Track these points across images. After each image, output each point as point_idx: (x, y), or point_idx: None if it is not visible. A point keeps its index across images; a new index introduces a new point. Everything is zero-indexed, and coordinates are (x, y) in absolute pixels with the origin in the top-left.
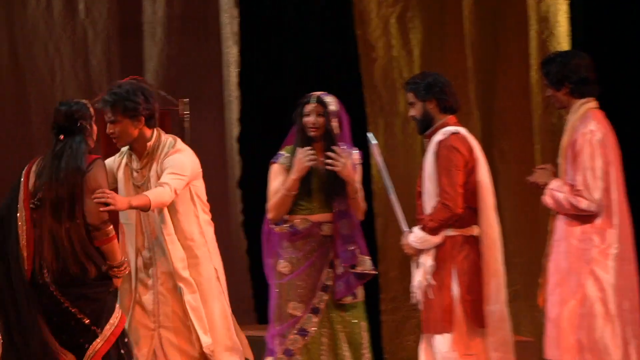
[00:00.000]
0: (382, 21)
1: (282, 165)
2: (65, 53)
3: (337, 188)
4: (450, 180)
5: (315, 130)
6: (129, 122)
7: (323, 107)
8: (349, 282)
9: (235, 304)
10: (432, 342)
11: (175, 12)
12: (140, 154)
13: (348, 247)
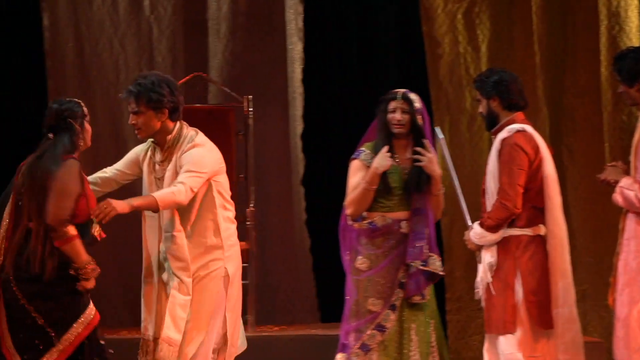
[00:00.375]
0: (449, 17)
1: (362, 162)
2: (130, 50)
3: (421, 184)
4: (510, 179)
5: (400, 127)
6: (152, 114)
7: (408, 104)
8: (418, 282)
9: (299, 303)
10: (496, 343)
11: (240, 8)
12: (162, 147)
13: (417, 244)
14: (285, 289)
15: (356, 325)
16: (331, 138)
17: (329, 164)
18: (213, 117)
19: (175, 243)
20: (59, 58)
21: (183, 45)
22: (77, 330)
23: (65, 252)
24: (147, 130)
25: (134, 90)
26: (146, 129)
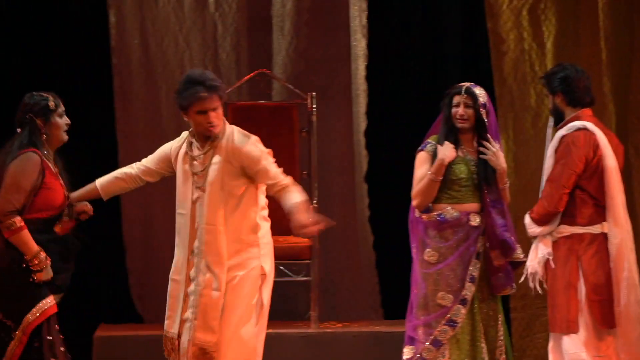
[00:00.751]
0: (514, 13)
1: (428, 153)
2: (195, 47)
3: (488, 177)
4: (558, 179)
5: (463, 122)
6: (222, 109)
7: (472, 98)
8: (509, 273)
9: (362, 299)
10: (560, 342)
11: (304, 5)
12: (204, 142)
13: (508, 236)
14: (348, 285)
15: (425, 320)
16: (394, 135)
17: (392, 161)
18: (277, 114)
19: (213, 235)
20: (124, 55)
21: (247, 42)
22: (29, 320)
23: (15, 244)
24: (221, 126)
25: (214, 88)
26: (220, 125)
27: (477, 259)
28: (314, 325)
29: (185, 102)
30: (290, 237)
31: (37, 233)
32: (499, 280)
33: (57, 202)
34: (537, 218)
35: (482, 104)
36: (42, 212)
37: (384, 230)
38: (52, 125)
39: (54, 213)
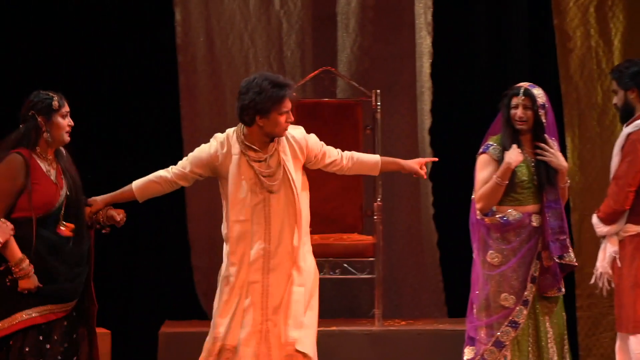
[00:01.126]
0: (581, 10)
1: (490, 156)
2: (260, 44)
3: (551, 177)
4: (624, 178)
5: (522, 124)
6: None
7: (531, 100)
8: (556, 275)
9: (426, 297)
10: (627, 342)
11: (369, 2)
12: (266, 144)
13: (559, 237)
14: (412, 283)
15: (488, 321)
16: (459, 132)
17: (456, 159)
18: (341, 111)
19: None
20: (190, 53)
21: (312, 40)
22: (1, 326)
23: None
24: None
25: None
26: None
27: (537, 259)
28: (377, 323)
29: (269, 103)
30: (354, 235)
31: (22, 233)
32: (546, 280)
33: (42, 201)
34: (604, 217)
35: (540, 105)
36: (28, 212)
37: (448, 228)
38: (54, 124)
39: (40, 212)
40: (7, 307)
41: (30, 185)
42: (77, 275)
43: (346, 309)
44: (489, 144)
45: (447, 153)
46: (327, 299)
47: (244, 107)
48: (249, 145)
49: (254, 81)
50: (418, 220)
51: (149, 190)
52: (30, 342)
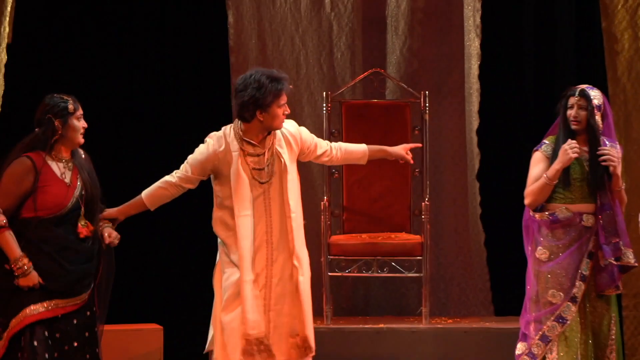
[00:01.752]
0: (629, 13)
1: (543, 153)
2: (311, 46)
3: (598, 181)
4: None
5: (576, 124)
6: None
7: (586, 100)
8: (612, 274)
9: (473, 296)
10: None
11: (418, 4)
12: (262, 138)
13: (612, 240)
14: (459, 281)
15: (536, 316)
16: (507, 134)
17: (504, 160)
18: (390, 112)
19: (296, 223)
20: (242, 54)
21: (362, 42)
22: (12, 325)
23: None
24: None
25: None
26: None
27: (589, 258)
28: (425, 321)
29: (270, 97)
30: (402, 235)
31: (31, 232)
32: (602, 279)
33: (52, 202)
34: None
35: (596, 106)
36: (38, 212)
37: (495, 228)
38: (69, 127)
39: (51, 213)
40: (15, 304)
41: (38, 187)
42: (85, 272)
43: (394, 307)
44: (543, 142)
45: (494, 154)
46: (376, 297)
47: (245, 103)
48: (247, 141)
49: (251, 77)
50: (465, 220)
51: (158, 198)
52: (39, 337)
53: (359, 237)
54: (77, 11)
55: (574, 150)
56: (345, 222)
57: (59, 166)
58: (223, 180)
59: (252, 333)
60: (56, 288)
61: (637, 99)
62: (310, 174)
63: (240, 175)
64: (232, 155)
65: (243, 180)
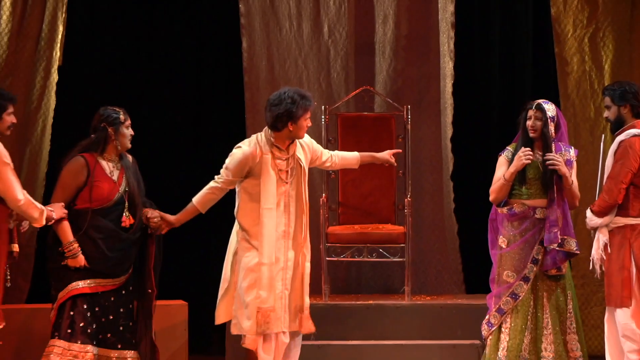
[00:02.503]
0: (577, 41)
1: (505, 158)
2: (312, 67)
3: (547, 181)
4: (617, 176)
5: (533, 132)
6: None
7: (542, 112)
8: (555, 258)
9: (447, 277)
10: (614, 314)
11: (402, 32)
12: (287, 145)
13: (552, 230)
14: (436, 265)
15: (496, 292)
16: (476, 140)
17: (473, 162)
18: (378, 123)
19: (306, 218)
20: (254, 74)
21: (354, 64)
22: (58, 297)
23: (55, 230)
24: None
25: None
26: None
27: (540, 245)
28: (407, 298)
29: (301, 111)
30: (388, 225)
31: (82, 221)
32: (546, 261)
33: (101, 196)
34: (599, 210)
35: (550, 117)
36: (89, 203)
37: (466, 220)
38: (120, 134)
39: (100, 205)
40: (64, 280)
41: (90, 182)
42: (124, 258)
43: (381, 287)
44: (506, 148)
45: (465, 158)
46: (366, 278)
47: (280, 115)
48: (277, 146)
49: (285, 94)
50: (441, 213)
51: (209, 202)
52: (78, 309)
53: (352, 227)
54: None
55: (526, 157)
56: (341, 215)
57: (109, 166)
58: (254, 178)
59: (264, 307)
60: (98, 269)
61: (584, 112)
62: (311, 174)
63: (269, 174)
64: (264, 157)
65: (271, 178)
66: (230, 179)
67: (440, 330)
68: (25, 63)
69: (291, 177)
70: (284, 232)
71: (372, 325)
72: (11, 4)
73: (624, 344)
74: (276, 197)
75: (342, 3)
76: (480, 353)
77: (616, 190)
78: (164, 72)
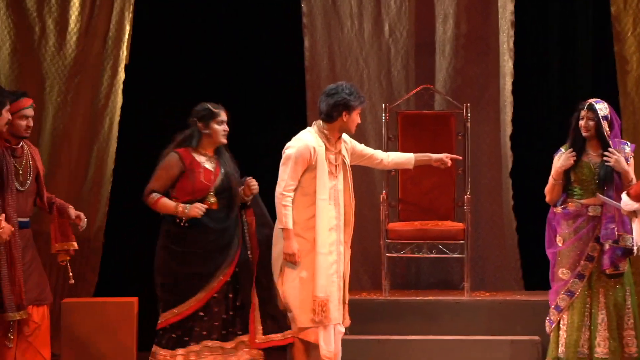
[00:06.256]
0: (637, 39)
1: (559, 158)
2: (372, 66)
3: (607, 178)
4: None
5: (586, 132)
6: None
7: (593, 112)
8: (612, 257)
9: (506, 273)
10: None
11: (461, 31)
12: (335, 138)
13: (610, 226)
14: (495, 261)
15: (554, 290)
16: (535, 138)
17: (532, 160)
18: (438, 121)
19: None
20: (315, 73)
21: (414, 62)
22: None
23: (159, 210)
24: None
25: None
26: None
27: (596, 242)
28: (466, 294)
29: (357, 102)
30: (447, 222)
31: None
32: (604, 260)
33: (194, 188)
34: (635, 195)
35: (603, 117)
36: (191, 195)
37: (525, 216)
38: (211, 129)
39: (194, 197)
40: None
41: (185, 175)
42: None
43: (441, 282)
44: (560, 149)
45: (524, 155)
46: (425, 274)
47: (337, 103)
48: (329, 139)
49: (343, 85)
50: (500, 210)
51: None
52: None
53: (412, 224)
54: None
55: (568, 159)
56: (401, 212)
57: (203, 159)
58: (309, 172)
59: (321, 296)
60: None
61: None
62: (372, 172)
63: (324, 166)
64: (319, 150)
65: (325, 170)
66: (295, 182)
67: (500, 326)
68: (93, 62)
69: (338, 172)
70: (336, 225)
71: (431, 321)
72: (80, 4)
73: None
74: (328, 190)
75: (402, 2)
76: (540, 349)
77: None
78: (227, 71)
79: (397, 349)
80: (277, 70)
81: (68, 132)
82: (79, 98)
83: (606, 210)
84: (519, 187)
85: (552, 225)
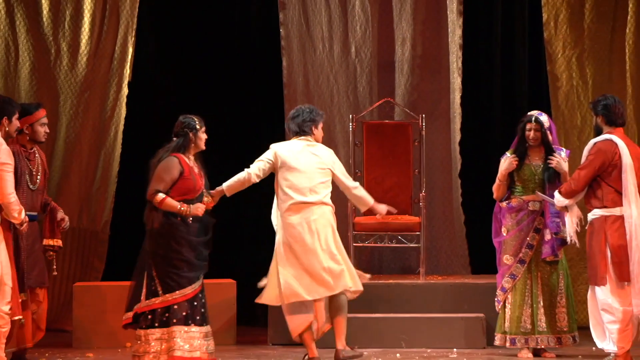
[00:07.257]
0: (566, 60)
1: (503, 162)
2: (341, 82)
3: (550, 177)
4: (582, 169)
5: (534, 142)
6: None
7: (539, 125)
8: (553, 245)
9: (456, 260)
10: (594, 291)
11: (417, 53)
12: None
13: (555, 219)
14: (446, 250)
15: (500, 273)
16: (480, 144)
17: (478, 163)
18: (397, 130)
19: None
20: (292, 88)
21: (377, 79)
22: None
23: (165, 209)
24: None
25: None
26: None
27: (535, 232)
28: (422, 278)
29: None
30: (405, 216)
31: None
32: (545, 249)
33: (190, 188)
34: (565, 192)
35: (547, 128)
36: (187, 195)
37: (472, 211)
38: (198, 138)
39: (191, 196)
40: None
41: (182, 177)
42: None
43: (400, 268)
44: (505, 153)
45: (472, 159)
46: (387, 261)
47: (304, 120)
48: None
49: (302, 107)
50: (451, 206)
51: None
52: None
53: (375, 218)
54: (173, 60)
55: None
56: None
57: (191, 164)
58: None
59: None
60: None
61: (572, 120)
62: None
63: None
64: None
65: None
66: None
67: (451, 305)
68: (100, 79)
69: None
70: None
71: (392, 301)
72: (89, 30)
73: (604, 316)
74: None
75: (367, 28)
76: (484, 324)
77: (578, 180)
78: (217, 88)
79: (363, 326)
80: (259, 86)
81: (79, 139)
82: (89, 110)
83: (550, 206)
84: (466, 186)
85: (498, 218)
